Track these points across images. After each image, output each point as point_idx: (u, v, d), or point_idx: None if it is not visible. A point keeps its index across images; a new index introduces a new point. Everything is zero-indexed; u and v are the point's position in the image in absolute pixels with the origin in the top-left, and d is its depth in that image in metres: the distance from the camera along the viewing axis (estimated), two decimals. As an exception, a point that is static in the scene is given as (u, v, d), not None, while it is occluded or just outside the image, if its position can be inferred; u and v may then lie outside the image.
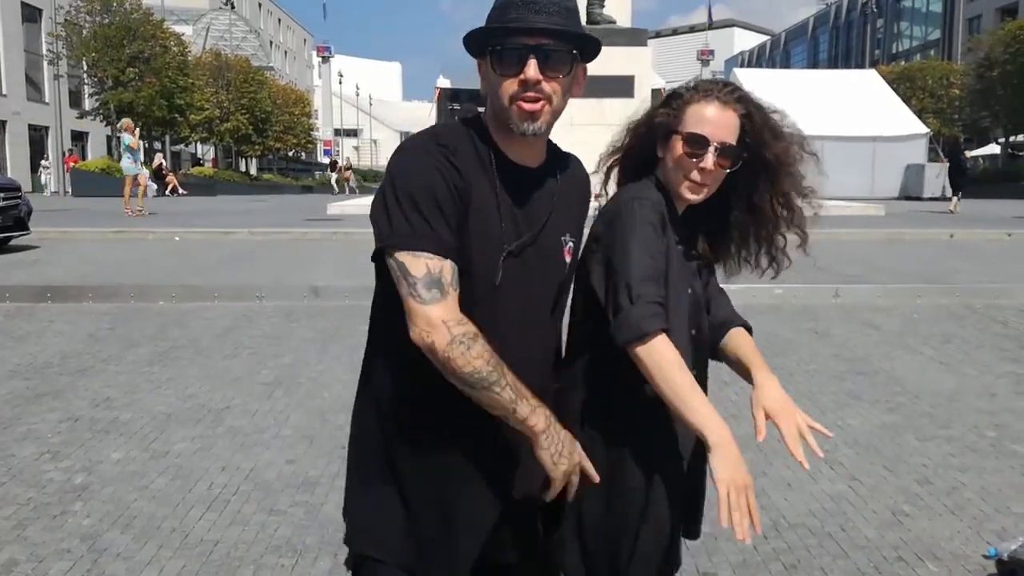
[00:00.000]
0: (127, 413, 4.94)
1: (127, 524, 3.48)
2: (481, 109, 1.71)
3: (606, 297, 1.68)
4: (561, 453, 1.56)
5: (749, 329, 1.98)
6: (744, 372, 1.89)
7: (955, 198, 21.62)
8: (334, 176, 44.90)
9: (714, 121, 1.77)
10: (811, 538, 3.39)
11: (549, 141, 1.75)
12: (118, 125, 19.95)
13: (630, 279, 1.62)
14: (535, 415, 1.52)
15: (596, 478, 1.63)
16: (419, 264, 1.47)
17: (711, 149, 1.76)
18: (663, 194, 1.82)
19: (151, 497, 3.76)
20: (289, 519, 3.54)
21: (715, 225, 1.91)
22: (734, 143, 1.79)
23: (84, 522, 3.50)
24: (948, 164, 23.22)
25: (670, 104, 1.86)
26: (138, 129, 19.70)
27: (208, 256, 11.38)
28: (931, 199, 29.44)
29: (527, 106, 1.55)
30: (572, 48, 1.58)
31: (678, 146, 1.79)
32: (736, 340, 1.94)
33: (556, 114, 1.61)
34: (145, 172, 18.90)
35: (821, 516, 3.60)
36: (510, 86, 1.55)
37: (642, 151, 1.90)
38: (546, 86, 1.55)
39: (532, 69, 1.53)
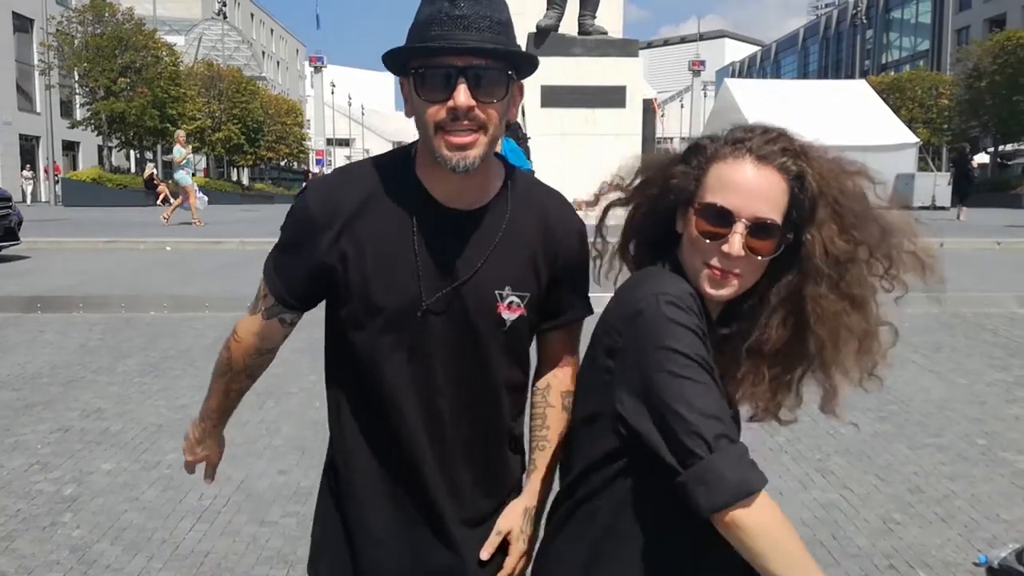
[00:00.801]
0: (118, 424, 4.91)
1: (117, 535, 3.47)
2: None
3: (658, 440, 1.25)
4: (192, 446, 1.85)
5: None
6: None
7: (962, 207, 22.49)
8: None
9: (744, 187, 1.31)
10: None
11: (509, 171, 1.53)
12: (176, 135, 19.92)
13: (691, 415, 1.21)
14: (200, 411, 1.79)
15: None
16: (261, 282, 1.60)
17: (738, 227, 1.30)
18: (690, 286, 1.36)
19: (142, 508, 3.74)
20: (281, 530, 3.53)
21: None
22: (777, 219, 1.32)
23: (74, 533, 3.48)
24: (956, 173, 23.62)
25: (690, 161, 1.40)
26: (185, 142, 19.26)
27: (199, 266, 11.35)
28: (921, 208, 29.58)
29: (456, 139, 1.34)
30: (507, 68, 1.37)
31: (693, 222, 1.35)
32: None
33: (492, 144, 1.39)
34: (191, 182, 18.79)
35: (813, 525, 3.60)
36: (436, 113, 1.35)
37: (655, 219, 1.46)
38: (480, 113, 1.34)
39: (462, 95, 1.32)
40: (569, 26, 16.94)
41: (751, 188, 1.31)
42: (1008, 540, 3.34)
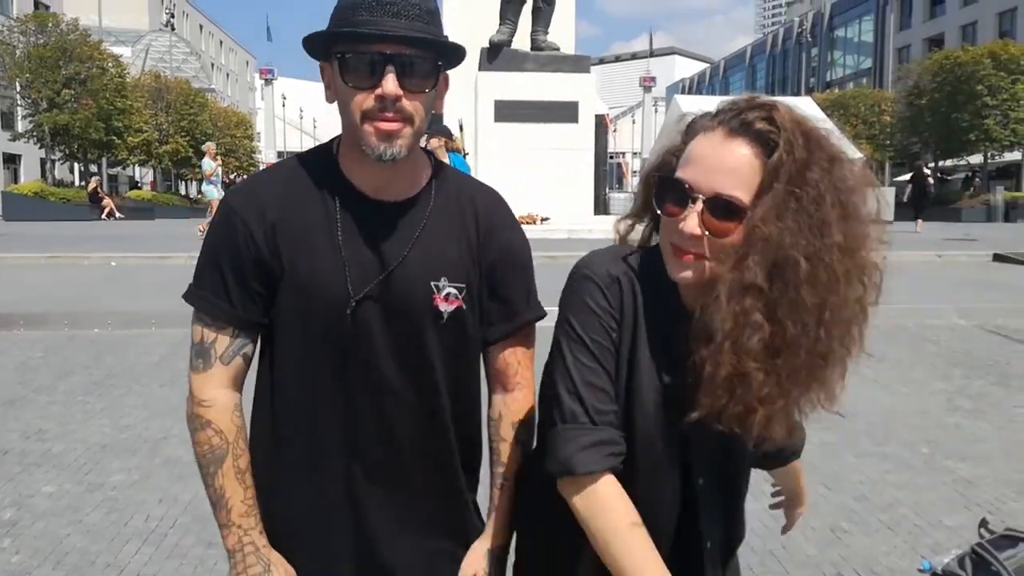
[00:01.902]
0: (60, 445, 4.78)
1: (59, 560, 3.36)
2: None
3: (539, 402, 1.39)
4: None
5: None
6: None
7: (919, 220, 23.62)
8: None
9: (707, 161, 1.19)
10: (753, 556, 3.43)
11: (438, 165, 1.51)
12: (203, 147, 19.44)
13: (561, 386, 1.27)
14: (229, 532, 1.42)
15: None
16: (196, 329, 1.43)
17: (696, 206, 1.19)
18: (661, 271, 1.28)
19: (85, 531, 3.64)
20: (229, 551, 3.46)
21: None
22: (742, 197, 1.17)
23: (13, 559, 3.37)
24: (913, 188, 24.99)
25: (685, 138, 1.30)
26: (215, 155, 18.80)
27: (146, 282, 11.12)
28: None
29: (384, 126, 1.31)
30: (437, 58, 1.34)
31: (655, 201, 1.28)
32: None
33: (418, 135, 1.37)
34: (217, 197, 18.43)
35: (763, 534, 3.65)
36: (363, 100, 1.31)
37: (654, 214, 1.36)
38: (407, 104, 1.31)
39: (391, 83, 1.28)
40: (522, 42, 17.08)
41: (714, 161, 1.18)
42: (951, 546, 3.42)
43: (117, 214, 33.32)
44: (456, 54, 1.38)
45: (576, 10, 23.70)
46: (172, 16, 59.30)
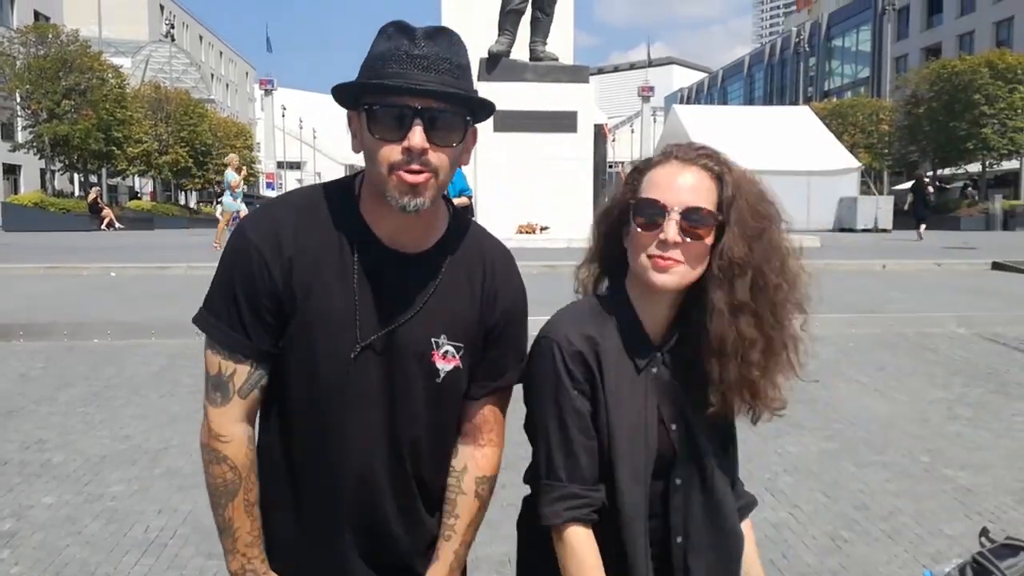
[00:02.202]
0: (60, 455, 4.77)
1: (58, 571, 3.36)
2: None
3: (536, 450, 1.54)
4: None
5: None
6: None
7: (921, 227, 23.88)
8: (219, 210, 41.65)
9: (671, 183, 1.43)
10: (754, 566, 3.43)
11: (455, 216, 1.51)
12: (226, 160, 19.36)
13: (540, 444, 1.50)
14: (233, 558, 1.47)
15: None
16: (213, 360, 1.42)
17: (671, 215, 1.40)
18: (621, 312, 1.50)
19: (84, 542, 3.63)
20: (229, 561, 3.45)
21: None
22: (708, 206, 1.42)
23: (12, 571, 3.36)
24: (914, 197, 25.49)
25: (630, 182, 1.53)
26: (238, 166, 18.58)
27: (145, 292, 11.13)
28: (864, 230, 30.38)
29: (409, 178, 1.31)
30: (465, 113, 1.35)
31: (632, 219, 1.46)
32: (749, 548, 1.65)
33: (442, 189, 1.38)
34: (244, 209, 18.21)
35: (763, 544, 3.64)
36: (390, 153, 1.31)
37: (611, 239, 1.56)
38: (433, 157, 1.31)
39: (418, 136, 1.29)
40: (520, 52, 17.13)
41: (679, 184, 1.42)
42: (951, 555, 3.42)
43: (117, 224, 33.35)
44: (484, 109, 1.40)
45: (574, 20, 23.81)
46: (172, 27, 59.54)
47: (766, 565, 3.45)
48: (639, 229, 1.43)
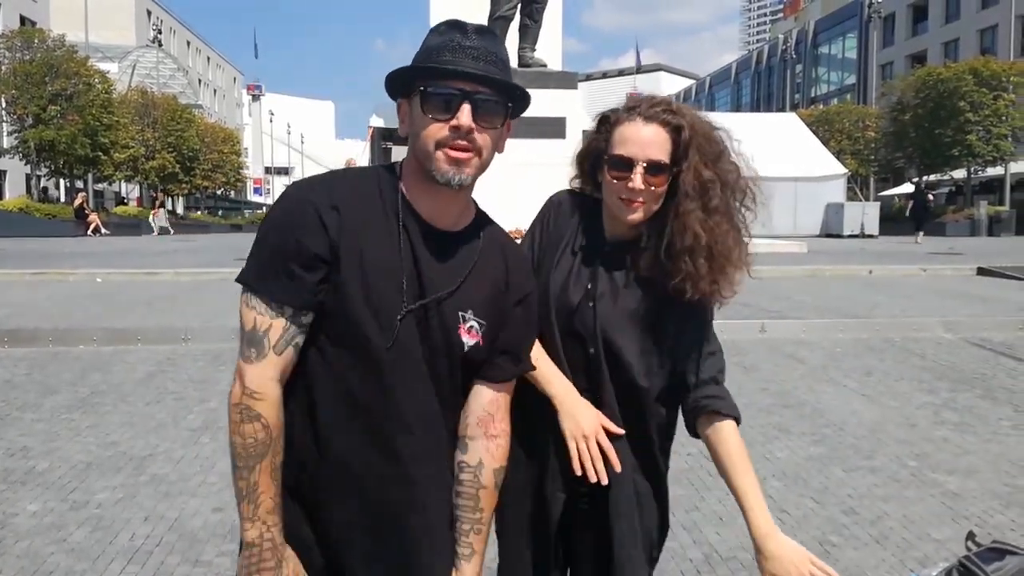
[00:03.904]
0: (44, 462, 4.73)
1: (42, 580, 3.32)
2: None
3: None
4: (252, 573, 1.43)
5: (737, 419, 1.84)
6: (735, 493, 1.83)
7: (920, 233, 26.19)
8: (152, 216, 39.04)
9: (637, 139, 1.75)
10: (743, 571, 3.43)
11: (480, 210, 1.64)
12: (345, 163, 19.06)
13: None
14: (252, 526, 1.44)
15: None
16: (249, 316, 1.44)
17: (638, 168, 1.73)
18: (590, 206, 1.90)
19: (69, 550, 3.60)
20: (215, 570, 3.43)
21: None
22: (666, 159, 1.75)
23: (-5, 579, 3.33)
24: (914, 204, 27.07)
25: (600, 129, 1.86)
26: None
27: (132, 298, 11.06)
28: (851, 236, 30.55)
29: (455, 153, 1.44)
30: (507, 100, 1.50)
31: (606, 170, 1.79)
32: (728, 449, 1.81)
33: (483, 168, 1.50)
34: None
35: (752, 549, 3.64)
36: (438, 130, 1.44)
37: (592, 170, 1.90)
38: (478, 137, 1.45)
39: (465, 115, 1.43)
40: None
41: (643, 140, 1.75)
42: (939, 559, 3.42)
43: (103, 230, 33.14)
44: (523, 99, 1.54)
45: (563, 27, 23.85)
46: (159, 32, 59.33)
47: (755, 570, 3.45)
48: (612, 179, 1.77)
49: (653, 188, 1.75)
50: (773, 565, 1.72)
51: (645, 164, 1.73)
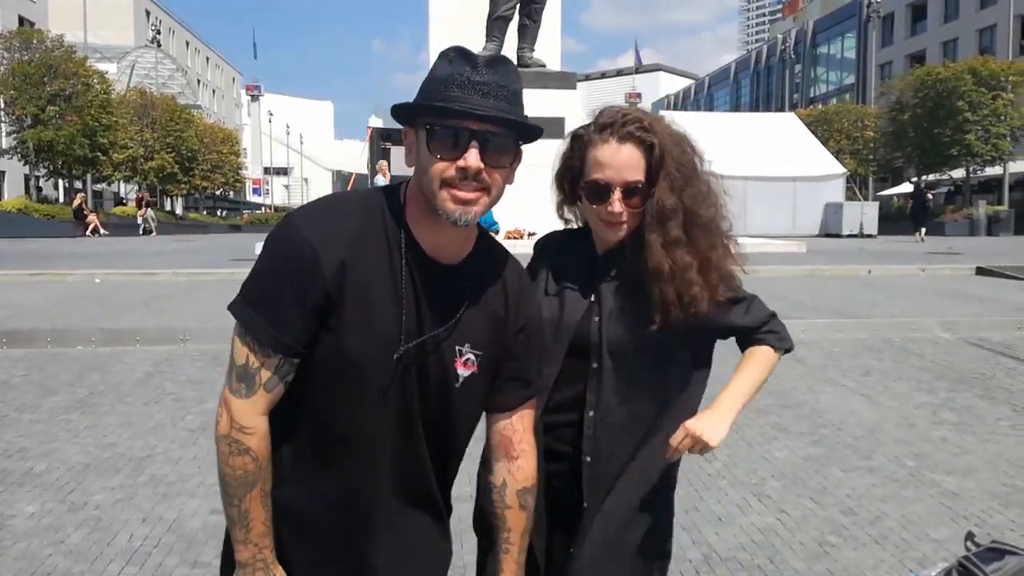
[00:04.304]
0: (42, 464, 4.73)
1: (40, 581, 3.32)
2: None
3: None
4: None
5: (786, 350, 1.94)
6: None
7: (921, 231, 26.69)
8: (140, 216, 37.99)
9: (613, 163, 1.76)
10: (741, 572, 3.43)
11: (483, 234, 1.60)
12: (376, 166, 18.74)
13: None
14: (244, 548, 1.48)
15: None
16: (241, 352, 1.44)
17: (615, 194, 1.75)
18: (580, 234, 1.92)
19: (67, 552, 3.59)
20: (213, 572, 3.41)
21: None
22: (642, 178, 1.76)
23: (-7, 581, 3.32)
24: (914, 203, 27.52)
25: (574, 147, 1.87)
26: (387, 171, 17.99)
27: (130, 298, 11.06)
28: (850, 236, 30.56)
29: (462, 194, 1.40)
30: (517, 137, 1.46)
31: (584, 194, 1.82)
32: (747, 358, 1.94)
33: (492, 205, 1.46)
34: None
35: (751, 549, 3.65)
36: (445, 169, 1.39)
37: (571, 187, 1.92)
38: (486, 176, 1.40)
39: (474, 157, 1.38)
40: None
41: (619, 162, 1.75)
42: (938, 559, 3.42)
43: (102, 231, 33.12)
44: (535, 133, 1.47)
45: (562, 27, 23.83)
46: (158, 33, 59.33)
47: (753, 570, 3.46)
48: (591, 204, 1.80)
49: (633, 209, 1.77)
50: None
51: (623, 188, 1.75)
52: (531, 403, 1.66)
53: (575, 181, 1.87)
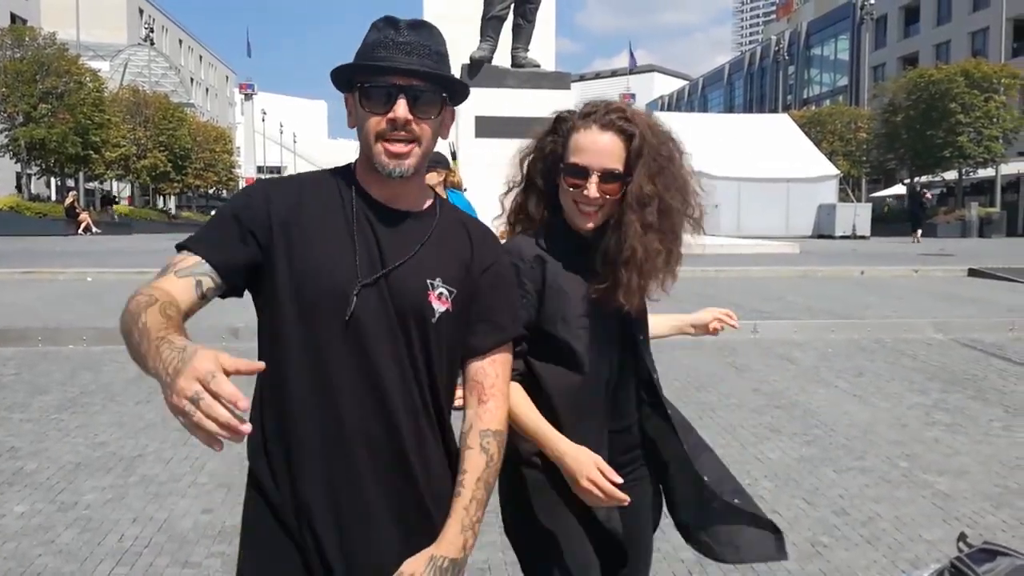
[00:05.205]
0: (32, 463, 4.70)
1: (30, 581, 3.30)
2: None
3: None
4: (167, 369, 1.19)
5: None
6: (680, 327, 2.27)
7: (918, 231, 27.68)
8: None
9: (593, 149, 1.80)
10: (734, 572, 3.43)
11: (440, 199, 1.68)
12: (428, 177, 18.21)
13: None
14: (150, 354, 1.27)
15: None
16: (174, 258, 1.52)
17: (593, 178, 1.79)
18: (560, 226, 1.90)
19: (57, 552, 3.57)
20: (204, 572, 3.41)
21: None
22: (620, 167, 1.81)
23: (-18, 581, 3.30)
24: (911, 204, 28.17)
25: (557, 131, 1.91)
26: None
27: (122, 297, 10.97)
28: (843, 237, 30.64)
29: (393, 147, 1.52)
30: (441, 91, 1.56)
31: (563, 177, 1.84)
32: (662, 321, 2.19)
33: (425, 156, 1.57)
34: None
35: (744, 550, 3.64)
36: (377, 124, 1.52)
37: (546, 184, 1.93)
38: (415, 127, 1.52)
39: (402, 108, 1.50)
40: (502, 58, 17.14)
41: (598, 148, 1.80)
42: (930, 560, 3.44)
43: (94, 229, 32.96)
44: (460, 90, 1.60)
45: (557, 27, 23.84)
46: (151, 31, 58.97)
47: (746, 570, 3.45)
48: (568, 187, 1.83)
49: (608, 196, 1.81)
50: (568, 460, 1.78)
51: (600, 173, 1.79)
52: (504, 349, 1.66)
53: (555, 166, 1.89)
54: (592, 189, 1.79)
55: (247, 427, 1.10)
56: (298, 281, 1.50)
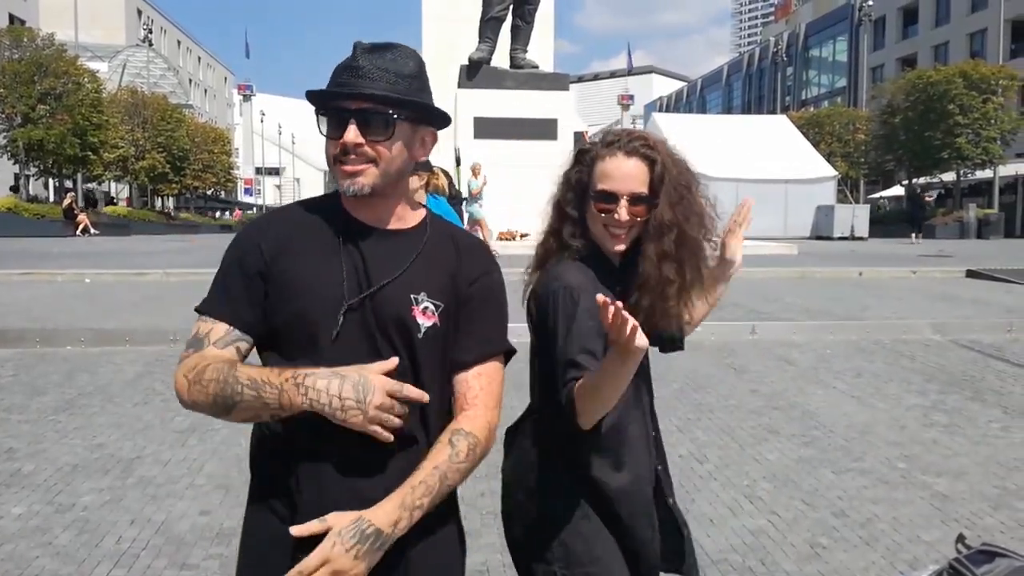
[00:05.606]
0: (30, 464, 4.69)
1: (27, 583, 3.29)
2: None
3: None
4: (340, 395, 1.42)
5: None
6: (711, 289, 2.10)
7: (918, 232, 28.32)
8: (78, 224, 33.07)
9: (619, 174, 1.87)
10: (733, 573, 3.43)
11: (428, 212, 1.71)
12: (471, 166, 17.80)
13: (564, 364, 1.78)
14: (284, 387, 1.45)
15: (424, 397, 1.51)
16: (195, 326, 1.59)
17: (622, 202, 1.85)
18: (592, 252, 1.92)
19: (55, 553, 3.56)
20: (202, 573, 3.40)
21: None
22: (645, 191, 1.87)
23: (-21, 583, 3.29)
24: (911, 205, 28.39)
25: (581, 161, 1.95)
26: (480, 172, 16.73)
27: (120, 298, 11.00)
28: (841, 238, 30.67)
29: (347, 168, 1.55)
30: (392, 112, 1.55)
31: (592, 203, 1.89)
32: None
33: (387, 175, 1.57)
34: (484, 216, 16.54)
35: (742, 551, 3.65)
36: (332, 148, 1.57)
37: (577, 206, 1.95)
38: (369, 149, 1.55)
39: (351, 133, 1.53)
40: (501, 60, 17.16)
41: (624, 173, 1.86)
42: (928, 561, 3.43)
43: (92, 230, 32.93)
44: (427, 113, 1.61)
45: (555, 28, 23.87)
46: (150, 32, 58.91)
47: (744, 572, 3.46)
48: (599, 212, 1.88)
49: (637, 218, 1.88)
50: (618, 348, 1.65)
51: (628, 197, 1.86)
52: (492, 362, 1.64)
53: (584, 194, 1.94)
54: (622, 212, 1.86)
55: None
56: (288, 308, 1.55)
